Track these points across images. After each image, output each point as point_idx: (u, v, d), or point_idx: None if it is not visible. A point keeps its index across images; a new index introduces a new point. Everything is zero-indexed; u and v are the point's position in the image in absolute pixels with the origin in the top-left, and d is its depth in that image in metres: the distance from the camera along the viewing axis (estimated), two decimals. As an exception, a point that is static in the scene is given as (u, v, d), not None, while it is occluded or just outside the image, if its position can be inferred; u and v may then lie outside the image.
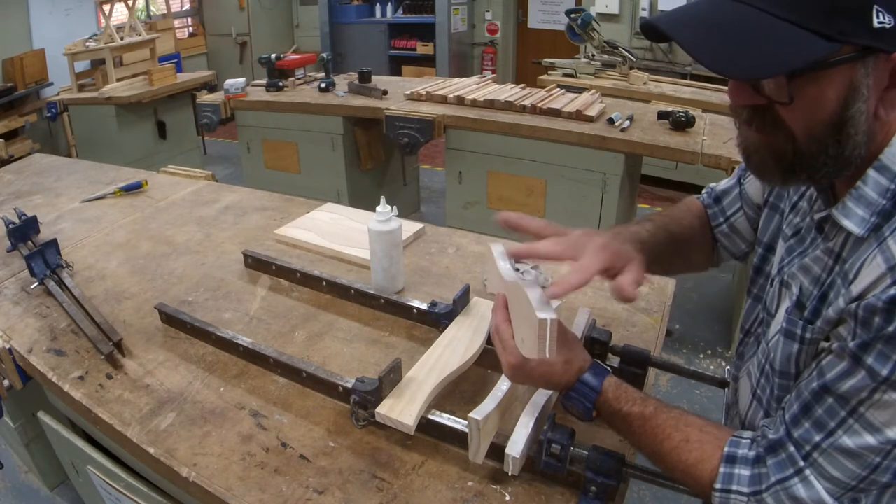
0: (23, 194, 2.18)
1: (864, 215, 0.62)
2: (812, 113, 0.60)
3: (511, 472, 0.89)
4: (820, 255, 0.69)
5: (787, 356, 0.70)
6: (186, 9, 7.33)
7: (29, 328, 1.36)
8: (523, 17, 6.82)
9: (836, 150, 0.61)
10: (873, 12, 0.54)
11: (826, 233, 0.69)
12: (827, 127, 0.60)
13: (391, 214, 1.35)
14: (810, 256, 0.71)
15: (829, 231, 0.69)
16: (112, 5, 4.51)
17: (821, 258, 0.69)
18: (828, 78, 0.57)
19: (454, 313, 1.24)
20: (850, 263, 0.63)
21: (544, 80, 3.98)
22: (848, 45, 0.55)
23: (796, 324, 0.69)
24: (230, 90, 3.58)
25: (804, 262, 0.72)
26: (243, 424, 1.06)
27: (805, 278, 0.71)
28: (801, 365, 0.70)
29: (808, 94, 0.59)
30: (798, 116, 0.60)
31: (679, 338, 2.96)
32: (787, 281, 0.74)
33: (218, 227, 1.83)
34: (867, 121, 0.60)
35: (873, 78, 0.58)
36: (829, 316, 0.64)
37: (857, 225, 0.62)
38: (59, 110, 4.49)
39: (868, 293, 0.59)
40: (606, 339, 1.10)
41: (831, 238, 0.68)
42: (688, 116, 2.78)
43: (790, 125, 0.61)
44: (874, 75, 0.58)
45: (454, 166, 3.22)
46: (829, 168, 0.62)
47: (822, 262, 0.69)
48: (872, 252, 0.60)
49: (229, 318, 1.37)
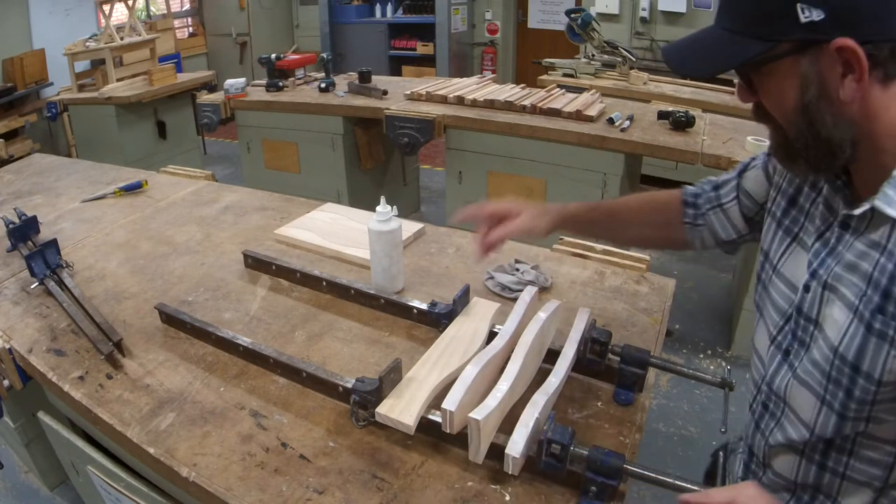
0: (23, 194, 2.18)
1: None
2: (780, 102, 0.70)
3: (511, 472, 0.89)
4: (865, 251, 0.71)
5: (873, 355, 0.70)
6: (186, 9, 7.33)
7: (29, 328, 1.36)
8: (523, 17, 6.82)
9: (812, 132, 0.68)
10: (798, 10, 0.63)
11: (855, 227, 0.72)
12: (795, 113, 0.69)
13: (391, 214, 1.35)
14: (852, 254, 0.72)
15: (858, 225, 0.72)
16: (112, 5, 4.51)
17: (867, 253, 0.70)
18: (779, 71, 0.67)
19: (454, 313, 1.24)
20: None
21: (544, 80, 3.98)
22: (785, 43, 0.65)
23: (889, 323, 0.67)
24: (230, 90, 3.58)
25: (847, 260, 0.73)
26: (243, 424, 1.06)
27: (853, 276, 0.72)
28: (875, 362, 0.70)
29: (770, 88, 0.70)
30: (773, 106, 0.72)
31: (679, 338, 2.96)
32: (832, 283, 0.74)
33: (218, 227, 1.83)
34: (832, 105, 0.66)
35: (822, 67, 0.65)
36: None
37: None
38: (59, 110, 4.49)
39: None
40: (606, 339, 1.10)
41: (873, 231, 0.70)
42: (688, 116, 2.78)
43: (774, 115, 0.72)
44: (822, 64, 0.65)
45: (454, 166, 3.22)
46: (815, 150, 0.70)
47: (870, 257, 0.70)
48: None
49: (229, 318, 1.37)
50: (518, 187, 3.06)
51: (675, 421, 2.41)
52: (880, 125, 0.67)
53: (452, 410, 0.92)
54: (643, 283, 1.46)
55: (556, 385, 1.00)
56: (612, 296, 1.41)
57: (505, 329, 1.12)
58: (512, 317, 1.15)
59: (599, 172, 2.82)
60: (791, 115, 0.70)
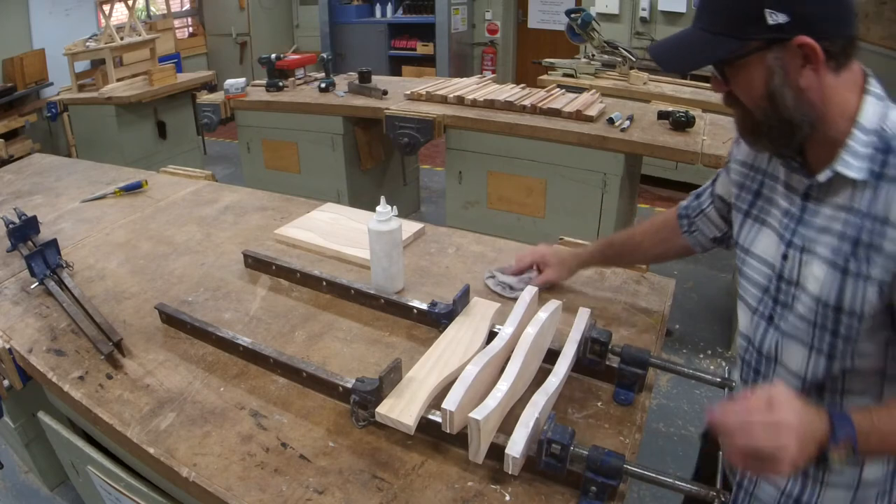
0: (23, 194, 2.18)
1: (861, 165, 0.80)
2: (749, 90, 0.82)
3: (511, 472, 0.89)
4: (832, 213, 0.84)
5: (853, 294, 0.81)
6: (186, 9, 7.33)
7: (29, 328, 1.36)
8: (523, 17, 6.82)
9: (776, 115, 0.81)
10: (766, 15, 0.75)
11: (817, 196, 0.86)
12: (762, 99, 0.81)
13: (391, 214, 1.35)
14: (821, 219, 0.85)
15: (820, 194, 0.85)
16: (112, 5, 4.51)
17: (834, 215, 0.84)
18: (750, 65, 0.80)
19: (454, 313, 1.24)
20: (875, 205, 0.79)
21: (544, 80, 3.98)
22: (754, 41, 0.78)
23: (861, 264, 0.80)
24: (230, 90, 3.58)
25: (816, 224, 0.86)
26: (243, 424, 1.06)
27: (827, 236, 0.84)
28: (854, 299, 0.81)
29: (742, 78, 0.82)
30: (743, 94, 0.83)
31: (679, 338, 2.96)
32: (808, 247, 0.87)
33: (218, 227, 1.83)
34: (793, 91, 0.79)
35: (785, 60, 0.78)
36: (889, 249, 0.77)
37: (858, 173, 0.80)
38: (59, 110, 4.49)
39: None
40: (606, 340, 1.10)
41: (834, 195, 0.84)
42: (688, 116, 2.78)
43: (743, 101, 0.84)
44: (785, 58, 0.78)
45: (454, 166, 3.22)
46: (778, 130, 0.82)
47: (838, 218, 0.83)
48: (893, 189, 0.77)
49: (229, 318, 1.37)
50: (518, 187, 3.06)
51: (675, 421, 2.41)
52: (833, 106, 0.80)
53: (452, 410, 0.92)
54: (643, 283, 1.46)
55: (556, 385, 1.00)
56: (612, 296, 1.41)
57: (505, 329, 1.12)
58: (512, 317, 1.15)
59: (599, 172, 2.82)
60: (758, 100, 0.82)
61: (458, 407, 0.92)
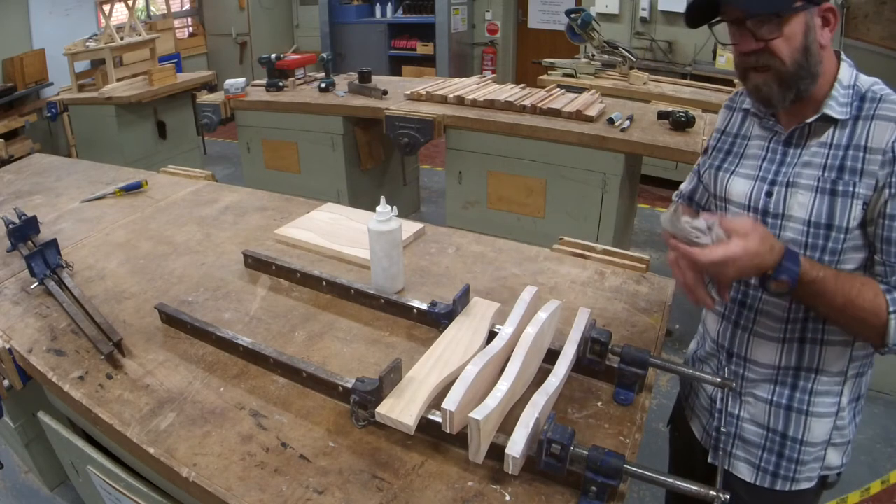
0: (23, 194, 2.18)
1: (843, 109, 0.99)
2: (791, 43, 0.95)
3: (511, 472, 0.89)
4: (815, 150, 1.01)
5: (841, 211, 0.97)
6: (186, 9, 7.33)
7: (29, 328, 1.36)
8: (523, 17, 6.82)
9: (807, 66, 0.97)
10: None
11: (797, 142, 1.03)
12: (801, 52, 0.96)
13: (391, 214, 1.35)
14: (806, 155, 1.02)
15: (799, 140, 1.03)
16: (112, 5, 4.51)
17: (817, 151, 1.01)
18: (796, 20, 0.95)
19: (454, 313, 1.24)
20: (854, 137, 0.97)
21: (544, 80, 3.98)
22: (801, 0, 0.94)
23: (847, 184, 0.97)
24: (230, 90, 3.58)
25: (802, 161, 1.02)
26: (243, 424, 1.06)
27: (810, 169, 1.01)
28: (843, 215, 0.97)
29: (788, 31, 0.95)
30: (784, 47, 0.95)
31: (679, 338, 2.96)
32: (793, 181, 1.02)
33: (218, 227, 1.83)
34: (817, 47, 0.97)
35: (816, 20, 0.96)
36: (870, 170, 0.95)
37: (841, 114, 0.99)
38: (59, 110, 4.49)
39: (889, 141, 0.93)
40: (606, 339, 1.10)
41: (815, 137, 1.01)
42: (688, 116, 2.78)
43: (779, 55, 0.96)
44: (816, 19, 0.96)
45: (454, 166, 3.22)
46: (807, 80, 0.97)
47: (820, 153, 1.01)
48: (871, 124, 0.96)
49: (229, 318, 1.37)
50: (518, 187, 3.06)
51: (675, 421, 2.40)
52: (828, 64, 0.99)
53: (452, 410, 0.92)
54: (643, 283, 1.46)
55: (556, 385, 1.00)
56: (612, 296, 1.41)
57: (505, 329, 1.12)
58: (512, 317, 1.15)
59: (599, 172, 2.82)
60: (796, 52, 0.95)
61: (458, 407, 0.92)
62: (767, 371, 1.10)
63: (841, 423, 1.10)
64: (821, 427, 1.09)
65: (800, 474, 1.12)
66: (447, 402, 0.93)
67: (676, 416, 1.41)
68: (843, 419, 1.10)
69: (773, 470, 1.13)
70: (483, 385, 1.00)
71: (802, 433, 1.10)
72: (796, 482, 1.12)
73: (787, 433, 1.11)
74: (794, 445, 1.11)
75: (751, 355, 1.12)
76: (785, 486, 1.13)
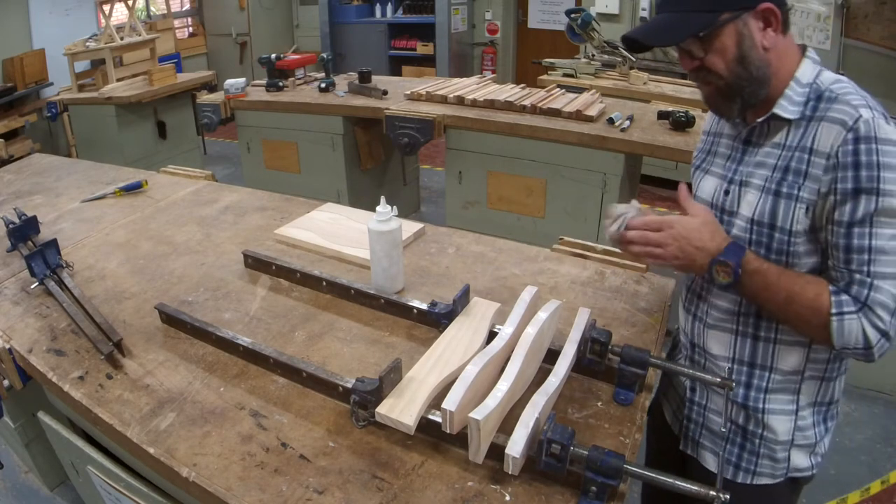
0: (23, 194, 2.18)
1: (795, 108, 0.98)
2: (724, 56, 0.97)
3: (511, 472, 0.89)
4: (768, 150, 1.02)
5: (784, 213, 0.98)
6: (186, 9, 7.33)
7: (29, 328, 1.36)
8: (523, 17, 6.82)
9: (747, 74, 0.97)
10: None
11: (755, 141, 1.04)
12: (736, 62, 0.97)
13: (391, 214, 1.35)
14: (759, 155, 1.03)
15: (758, 139, 1.04)
16: (112, 5, 4.51)
17: (770, 152, 1.02)
18: (723, 34, 0.95)
19: (454, 313, 1.24)
20: (803, 140, 0.97)
21: (544, 80, 3.97)
22: (726, 12, 0.94)
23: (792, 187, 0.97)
24: (230, 90, 3.58)
25: (755, 161, 1.03)
26: (243, 424, 1.06)
27: (762, 169, 1.02)
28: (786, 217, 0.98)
29: (716, 46, 0.96)
30: (718, 62, 0.97)
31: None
32: (745, 180, 1.04)
33: (218, 227, 1.83)
34: (759, 52, 0.96)
35: (752, 26, 0.95)
36: (814, 173, 0.95)
37: (791, 114, 0.98)
38: (59, 110, 4.49)
39: (835, 146, 0.92)
40: (606, 339, 1.10)
41: (771, 137, 1.02)
42: (688, 116, 2.78)
43: (716, 70, 0.98)
44: (752, 24, 0.95)
45: (454, 166, 3.22)
46: (749, 87, 0.98)
47: (773, 153, 1.01)
48: (819, 126, 0.95)
49: (229, 318, 1.37)
50: (518, 187, 3.06)
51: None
52: (782, 65, 0.98)
53: (452, 410, 0.92)
54: (643, 283, 1.46)
55: (556, 385, 1.00)
56: (612, 296, 1.41)
57: (505, 329, 1.12)
58: (512, 317, 1.15)
59: (599, 172, 2.82)
60: (732, 64, 0.97)
61: (458, 407, 0.92)
62: (723, 364, 1.11)
63: (802, 424, 1.09)
64: (779, 424, 1.09)
65: (761, 468, 1.12)
66: (447, 402, 0.93)
67: (654, 405, 1.39)
68: (805, 419, 1.09)
69: (734, 461, 1.14)
70: (483, 385, 1.00)
71: (761, 428, 1.10)
72: (758, 475, 1.13)
73: (747, 427, 1.12)
74: (753, 439, 1.11)
75: (707, 347, 1.14)
76: (746, 479, 1.13)
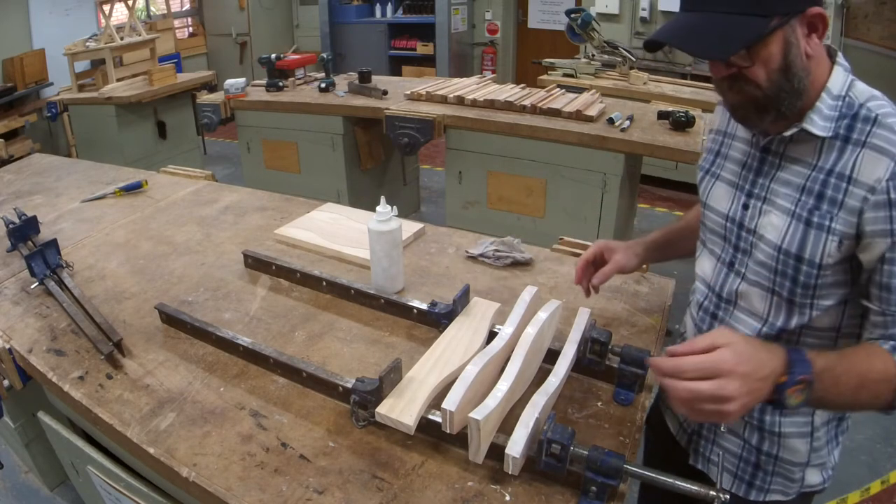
0: (23, 194, 2.18)
1: (826, 124, 0.88)
2: (768, 66, 0.84)
3: (511, 472, 0.89)
4: (796, 169, 0.92)
5: (813, 244, 0.89)
6: (186, 9, 7.33)
7: (29, 328, 1.36)
8: (523, 17, 6.82)
9: (789, 86, 0.86)
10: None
11: (775, 150, 0.94)
12: (779, 73, 0.85)
13: (391, 214, 1.35)
14: (784, 171, 0.93)
15: (778, 147, 0.94)
16: (112, 5, 4.51)
17: (798, 171, 0.91)
18: (771, 42, 0.83)
19: (454, 313, 1.24)
20: (840, 164, 0.87)
21: (544, 80, 3.98)
22: (776, 17, 0.81)
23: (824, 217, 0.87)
24: (230, 90, 3.58)
25: (781, 178, 0.94)
26: (243, 424, 1.06)
27: (787, 189, 0.92)
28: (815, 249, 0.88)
29: (762, 56, 0.84)
30: (760, 72, 0.85)
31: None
32: (769, 198, 0.95)
33: (218, 227, 1.83)
34: (802, 61, 0.85)
35: (798, 32, 0.84)
36: (851, 205, 0.85)
37: (823, 130, 0.87)
38: (59, 110, 4.49)
39: (881, 180, 0.82)
40: (606, 340, 1.10)
41: (793, 150, 0.92)
42: (688, 116, 2.78)
43: (756, 80, 0.86)
44: (799, 30, 0.84)
45: (454, 166, 3.22)
46: (788, 100, 0.86)
47: (801, 173, 0.91)
48: (861, 153, 0.85)
49: (229, 318, 1.37)
50: (518, 187, 3.06)
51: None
52: (816, 72, 0.88)
53: (452, 410, 0.92)
54: (643, 283, 1.46)
55: (556, 385, 1.00)
56: (612, 296, 1.41)
57: (505, 329, 1.12)
58: (512, 317, 1.15)
59: (599, 172, 2.82)
60: (774, 74, 0.85)
61: (458, 407, 0.92)
62: None
63: (817, 445, 1.04)
64: (796, 445, 1.03)
65: (774, 485, 1.08)
66: (447, 402, 0.93)
67: (652, 413, 1.33)
68: (819, 440, 1.04)
69: (748, 479, 1.10)
70: (483, 385, 1.00)
71: (776, 449, 1.05)
72: (770, 493, 1.08)
73: (762, 447, 1.06)
74: (768, 459, 1.06)
75: None
76: (759, 497, 1.09)
